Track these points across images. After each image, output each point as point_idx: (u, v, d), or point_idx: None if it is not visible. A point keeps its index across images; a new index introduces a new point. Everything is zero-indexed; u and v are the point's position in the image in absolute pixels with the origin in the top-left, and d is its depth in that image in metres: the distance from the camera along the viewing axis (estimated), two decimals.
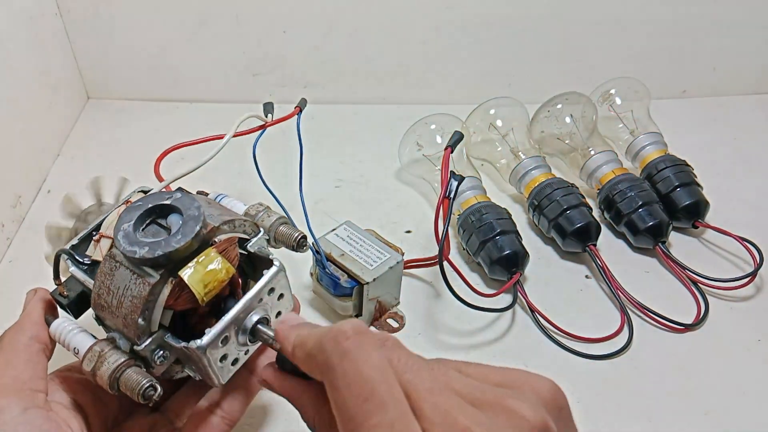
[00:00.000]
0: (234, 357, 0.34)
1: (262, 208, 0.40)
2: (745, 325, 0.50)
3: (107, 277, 0.32)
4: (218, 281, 0.32)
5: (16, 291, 0.51)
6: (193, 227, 0.31)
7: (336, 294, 0.47)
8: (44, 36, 0.66)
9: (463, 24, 0.70)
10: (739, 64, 0.75)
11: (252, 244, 0.36)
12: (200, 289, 0.31)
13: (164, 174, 0.41)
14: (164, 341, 0.32)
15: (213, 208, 0.35)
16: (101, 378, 0.31)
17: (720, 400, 0.45)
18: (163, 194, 0.33)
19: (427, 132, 0.61)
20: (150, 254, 0.31)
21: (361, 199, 0.62)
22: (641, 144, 0.60)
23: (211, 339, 0.31)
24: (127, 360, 0.32)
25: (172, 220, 0.33)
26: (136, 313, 0.31)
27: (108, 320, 0.33)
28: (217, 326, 0.32)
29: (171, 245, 0.31)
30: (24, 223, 0.59)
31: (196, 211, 0.32)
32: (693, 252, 0.56)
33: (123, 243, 0.31)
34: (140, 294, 0.31)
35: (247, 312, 0.33)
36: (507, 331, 0.50)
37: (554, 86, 0.63)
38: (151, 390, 0.31)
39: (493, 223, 0.52)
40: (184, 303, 0.32)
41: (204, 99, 0.74)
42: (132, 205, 0.33)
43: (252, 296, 0.33)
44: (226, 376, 0.34)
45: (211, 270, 0.31)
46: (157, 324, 0.32)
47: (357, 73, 0.73)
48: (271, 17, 0.69)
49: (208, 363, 0.32)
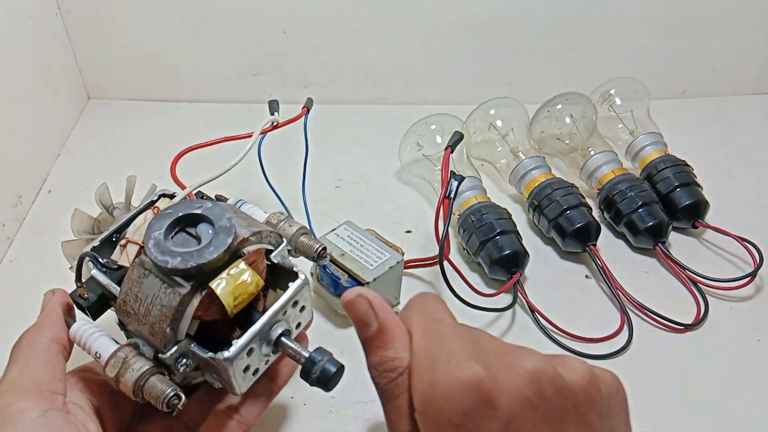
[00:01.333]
0: (255, 367, 0.34)
1: (284, 218, 0.40)
2: (745, 325, 0.50)
3: (135, 285, 0.32)
4: (248, 294, 0.32)
5: (16, 291, 0.51)
6: (225, 240, 0.31)
7: (336, 294, 0.47)
8: (44, 36, 0.66)
9: (463, 24, 0.70)
10: (739, 64, 0.75)
11: (275, 255, 0.35)
12: (230, 301, 0.31)
13: (181, 176, 0.41)
14: (189, 350, 0.32)
15: (240, 218, 0.35)
16: (125, 385, 0.31)
17: (720, 400, 0.45)
18: (193, 203, 0.33)
19: (427, 132, 0.61)
20: (182, 265, 0.30)
21: (361, 199, 0.62)
22: (641, 144, 0.60)
23: (237, 351, 0.31)
24: (151, 368, 0.31)
25: (201, 229, 0.33)
26: (165, 322, 0.31)
27: (132, 326, 0.33)
28: (243, 338, 0.32)
29: (204, 257, 0.31)
30: (24, 222, 0.59)
31: (228, 222, 0.32)
32: (693, 252, 0.56)
33: (154, 252, 0.31)
34: (170, 304, 0.31)
35: (271, 324, 0.33)
36: (507, 331, 0.50)
37: (554, 86, 0.63)
38: (176, 399, 0.31)
39: (493, 223, 0.52)
40: (213, 314, 0.32)
41: (204, 99, 0.74)
42: (162, 213, 0.33)
43: (278, 308, 0.33)
44: (246, 386, 0.34)
45: (241, 282, 0.32)
46: (184, 334, 0.32)
47: (357, 73, 0.73)
48: (271, 17, 0.69)
49: (232, 374, 0.32)
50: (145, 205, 0.39)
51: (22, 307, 0.36)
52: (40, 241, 0.57)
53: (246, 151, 0.42)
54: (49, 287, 0.37)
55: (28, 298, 0.39)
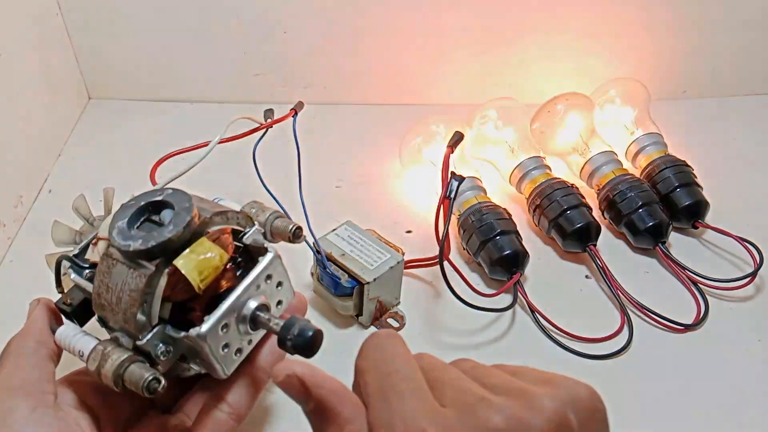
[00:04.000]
0: (237, 347, 0.34)
1: (256, 206, 0.41)
2: (745, 325, 0.50)
3: (105, 276, 0.33)
4: (213, 267, 0.32)
5: (16, 291, 0.51)
6: (184, 217, 0.32)
7: (337, 294, 0.47)
8: (45, 36, 0.66)
9: (463, 24, 0.70)
10: (739, 64, 0.75)
11: (247, 237, 0.36)
12: (195, 276, 0.31)
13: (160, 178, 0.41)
14: (165, 334, 0.33)
15: (206, 203, 0.35)
16: (105, 376, 0.31)
17: (720, 400, 0.45)
18: (156, 191, 0.34)
19: (427, 132, 0.61)
20: (144, 246, 0.31)
21: (361, 199, 0.62)
22: (641, 144, 0.60)
23: (210, 326, 0.32)
24: (129, 356, 0.32)
25: (164, 215, 0.33)
26: (135, 306, 0.31)
27: (110, 319, 0.33)
28: (215, 313, 0.32)
29: (164, 235, 0.31)
30: (25, 223, 0.59)
31: (187, 203, 0.33)
32: (693, 252, 0.56)
33: (117, 239, 0.32)
34: (137, 287, 0.31)
35: (245, 298, 0.34)
36: (507, 331, 0.50)
37: (554, 86, 0.63)
38: (155, 382, 0.31)
39: (493, 223, 0.52)
40: (182, 293, 0.33)
41: (204, 99, 0.74)
42: (125, 204, 0.33)
43: (249, 282, 0.34)
44: (230, 367, 0.34)
45: (206, 258, 0.32)
46: (156, 317, 0.32)
47: (357, 73, 0.73)
48: (271, 17, 0.69)
49: (210, 351, 0.32)
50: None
51: (22, 307, 0.36)
52: (41, 241, 0.56)
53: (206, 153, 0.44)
54: (49, 287, 0.37)
55: (28, 299, 0.38)
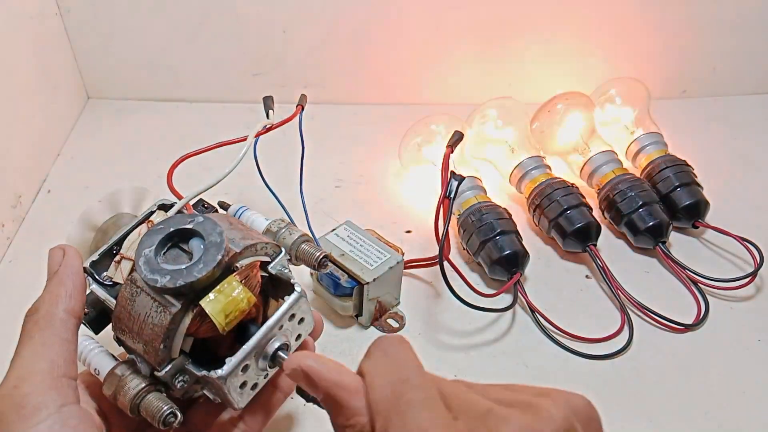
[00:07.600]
0: (253, 382, 0.33)
1: (284, 225, 0.39)
2: (745, 325, 0.50)
3: (128, 303, 0.32)
4: (239, 311, 0.32)
5: (16, 291, 0.51)
6: (214, 256, 0.31)
7: (336, 294, 0.47)
8: (44, 36, 0.66)
9: (463, 24, 0.70)
10: (739, 64, 0.75)
11: (273, 266, 0.35)
12: (221, 319, 0.31)
13: (180, 183, 0.40)
14: (185, 367, 0.32)
15: (235, 230, 0.34)
16: (122, 403, 0.31)
17: (720, 400, 0.45)
18: (185, 217, 0.33)
19: (427, 132, 0.61)
20: (171, 284, 0.30)
21: (361, 199, 0.62)
22: (641, 144, 0.60)
23: (231, 368, 0.31)
24: (147, 386, 0.31)
25: (193, 245, 0.32)
26: (158, 341, 0.31)
27: (129, 344, 0.33)
28: (237, 356, 0.32)
29: (192, 275, 0.30)
30: (24, 223, 0.59)
31: (218, 237, 0.31)
32: (693, 252, 0.56)
33: (144, 270, 0.31)
34: (161, 323, 0.31)
35: (267, 339, 0.33)
36: (507, 331, 0.50)
37: (554, 86, 0.63)
38: (171, 417, 0.31)
39: (493, 223, 0.52)
40: (205, 332, 0.32)
41: (204, 99, 0.74)
42: (153, 229, 0.33)
43: (272, 324, 0.33)
44: (244, 401, 0.33)
45: (232, 299, 0.31)
46: (178, 351, 0.32)
47: (357, 73, 0.73)
48: (271, 17, 0.69)
49: (227, 391, 0.32)
50: (141, 218, 0.39)
51: (22, 307, 0.36)
52: (40, 241, 0.57)
53: (241, 156, 0.42)
54: None
55: (28, 298, 0.38)
